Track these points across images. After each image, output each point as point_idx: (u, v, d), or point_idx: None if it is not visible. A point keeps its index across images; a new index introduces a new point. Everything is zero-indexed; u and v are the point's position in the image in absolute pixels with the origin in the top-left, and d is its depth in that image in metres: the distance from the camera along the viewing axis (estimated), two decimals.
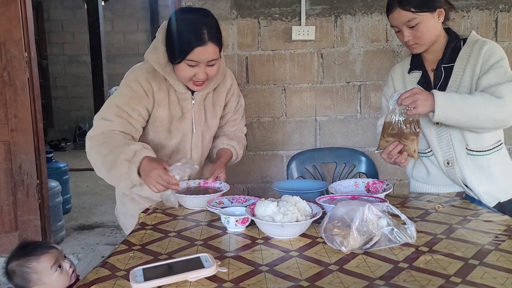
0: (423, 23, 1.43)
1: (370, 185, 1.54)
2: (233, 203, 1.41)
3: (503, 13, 2.57)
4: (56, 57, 8.81)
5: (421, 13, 1.42)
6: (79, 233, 3.63)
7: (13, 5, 2.76)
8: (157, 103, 1.54)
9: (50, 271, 1.33)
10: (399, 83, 1.65)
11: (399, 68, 1.68)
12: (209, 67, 1.44)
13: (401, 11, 1.43)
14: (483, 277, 0.85)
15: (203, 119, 1.63)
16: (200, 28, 1.39)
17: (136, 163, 1.37)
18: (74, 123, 9.00)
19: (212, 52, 1.41)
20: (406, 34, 1.47)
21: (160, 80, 1.53)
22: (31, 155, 2.88)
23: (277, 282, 0.86)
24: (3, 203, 2.88)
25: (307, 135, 2.71)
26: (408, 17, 1.43)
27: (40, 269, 1.32)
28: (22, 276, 1.32)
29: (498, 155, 1.51)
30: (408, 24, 1.45)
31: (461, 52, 1.49)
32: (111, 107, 1.51)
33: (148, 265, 0.93)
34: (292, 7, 2.59)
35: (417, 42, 1.47)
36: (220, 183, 1.59)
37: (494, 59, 1.42)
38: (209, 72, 1.45)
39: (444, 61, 1.52)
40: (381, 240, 1.01)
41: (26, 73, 2.83)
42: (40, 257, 1.33)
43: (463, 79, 1.47)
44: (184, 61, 1.42)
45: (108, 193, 4.76)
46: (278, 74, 2.64)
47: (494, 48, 1.45)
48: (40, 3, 8.00)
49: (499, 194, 1.50)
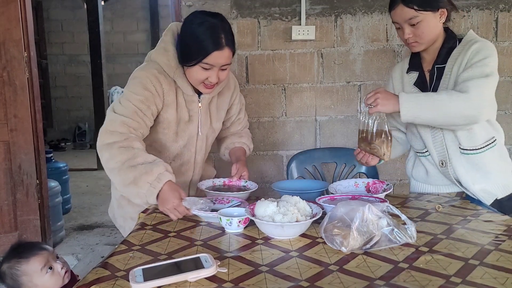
0: (424, 22, 1.43)
1: (370, 185, 1.54)
2: (215, 204, 1.40)
3: (503, 13, 2.57)
4: (56, 57, 8.81)
5: (423, 11, 1.42)
6: (78, 233, 3.63)
7: (12, 5, 2.76)
8: (166, 104, 1.54)
9: (40, 273, 1.32)
10: (397, 83, 1.66)
11: (398, 69, 1.68)
12: (222, 71, 1.46)
13: (404, 8, 1.43)
14: (483, 277, 0.85)
15: (208, 122, 1.65)
16: (219, 33, 1.40)
17: (158, 188, 1.34)
18: (74, 123, 8.99)
19: (227, 56, 1.43)
20: (406, 32, 1.46)
21: (169, 82, 1.52)
22: (30, 155, 2.88)
23: (277, 282, 0.86)
24: (3, 203, 2.88)
25: (307, 135, 2.70)
26: (410, 15, 1.43)
27: (30, 271, 1.31)
28: (13, 278, 1.32)
29: (492, 152, 1.51)
30: (409, 22, 1.44)
31: (453, 52, 1.49)
32: (127, 105, 1.47)
33: (148, 265, 0.93)
34: (292, 7, 2.58)
35: (417, 40, 1.47)
36: (245, 181, 1.62)
37: (478, 57, 1.41)
38: (221, 76, 1.47)
39: (438, 61, 1.52)
40: (381, 240, 1.01)
41: (25, 73, 2.82)
42: (30, 259, 1.32)
43: (451, 79, 1.47)
44: (200, 64, 1.42)
45: (108, 193, 4.72)
46: (278, 74, 2.64)
47: (483, 46, 1.43)
48: (39, 3, 7.99)
49: (495, 191, 1.50)
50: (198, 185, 1.60)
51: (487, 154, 1.50)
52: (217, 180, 1.65)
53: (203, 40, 1.40)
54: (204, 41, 1.40)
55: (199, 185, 1.60)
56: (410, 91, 1.56)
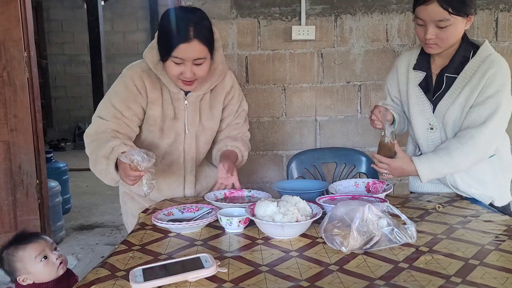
0: (453, 26, 1.36)
1: (370, 185, 1.54)
2: (184, 213, 1.33)
3: (503, 13, 2.57)
4: (56, 57, 8.81)
5: (456, 16, 1.34)
6: (78, 233, 3.63)
7: (12, 5, 2.76)
8: (151, 101, 1.54)
9: (34, 260, 1.34)
10: (403, 77, 1.60)
11: (405, 60, 1.60)
12: (197, 66, 1.42)
13: (438, 8, 1.33)
14: (483, 277, 0.85)
15: (197, 120, 1.60)
16: (187, 25, 1.38)
17: (113, 159, 1.36)
18: (74, 123, 8.99)
19: (198, 50, 1.40)
20: (430, 32, 1.38)
21: (154, 79, 1.53)
22: (30, 155, 2.88)
23: (277, 283, 0.86)
24: (3, 203, 2.88)
25: (307, 135, 2.70)
26: (442, 16, 1.34)
27: (25, 258, 1.34)
28: (9, 264, 1.35)
29: (490, 165, 1.49)
30: (438, 24, 1.36)
31: (467, 66, 1.43)
32: (107, 106, 1.52)
33: (148, 265, 0.93)
34: (292, 7, 2.58)
35: (438, 43, 1.40)
36: (250, 191, 1.51)
37: (492, 89, 1.38)
38: (197, 71, 1.43)
39: (449, 70, 1.47)
40: (381, 240, 1.01)
41: (25, 73, 2.82)
42: (27, 246, 1.35)
43: (459, 97, 1.44)
44: (171, 58, 1.41)
45: (108, 193, 4.76)
46: (278, 74, 2.64)
47: (499, 73, 1.39)
48: (39, 3, 8.00)
49: (492, 197, 1.51)
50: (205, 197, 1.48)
51: (484, 167, 1.49)
52: (217, 192, 1.51)
53: (170, 33, 1.40)
54: (172, 34, 1.40)
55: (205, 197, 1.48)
56: (413, 91, 1.55)
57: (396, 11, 2.59)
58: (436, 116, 1.50)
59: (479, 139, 1.39)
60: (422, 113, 1.53)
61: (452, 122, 1.47)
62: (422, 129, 1.54)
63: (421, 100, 1.53)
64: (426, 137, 1.55)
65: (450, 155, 1.41)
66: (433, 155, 1.45)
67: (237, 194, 1.51)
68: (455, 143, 1.42)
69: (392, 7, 2.59)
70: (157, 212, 1.29)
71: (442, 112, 1.48)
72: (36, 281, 1.36)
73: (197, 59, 1.41)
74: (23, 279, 1.35)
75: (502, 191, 1.54)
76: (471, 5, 1.37)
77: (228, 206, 1.32)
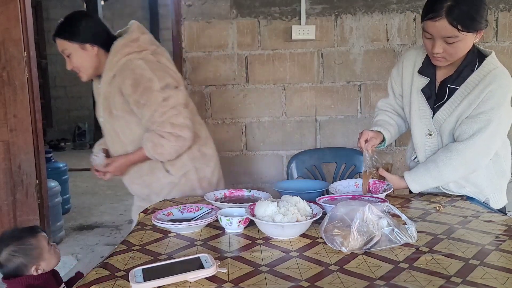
0: (462, 42, 1.32)
1: (370, 185, 1.54)
2: (184, 213, 1.33)
3: (503, 13, 2.57)
4: (56, 56, 8.78)
5: (466, 32, 1.29)
6: (78, 233, 3.63)
7: (12, 5, 2.76)
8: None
9: (48, 247, 1.42)
10: (408, 77, 1.57)
11: (411, 60, 1.56)
12: (68, 58, 1.68)
13: (447, 25, 1.28)
14: (484, 277, 0.85)
15: (101, 108, 1.71)
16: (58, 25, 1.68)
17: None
18: (74, 123, 8.98)
19: (60, 45, 1.66)
20: (437, 46, 1.33)
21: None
22: (30, 155, 2.87)
23: (277, 283, 0.85)
24: (2, 203, 2.88)
25: (307, 135, 2.70)
26: (451, 33, 1.29)
27: (41, 245, 1.40)
28: (25, 253, 1.37)
29: (485, 169, 1.49)
30: (446, 40, 1.32)
31: (469, 79, 1.40)
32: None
33: (147, 265, 0.93)
34: (292, 7, 2.58)
35: (446, 57, 1.37)
36: (250, 191, 1.50)
37: (488, 106, 1.37)
38: (68, 63, 1.70)
39: (452, 81, 1.44)
40: (381, 240, 1.01)
41: (25, 72, 2.82)
42: (37, 235, 1.42)
43: (457, 109, 1.43)
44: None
45: (108, 193, 4.76)
46: (278, 74, 2.64)
47: (498, 90, 1.36)
48: (39, 3, 7.99)
49: (486, 196, 1.52)
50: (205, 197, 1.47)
51: (480, 172, 1.48)
52: (218, 193, 1.50)
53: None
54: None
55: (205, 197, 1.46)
56: (416, 96, 1.54)
57: (396, 11, 2.59)
58: (435, 123, 1.51)
59: (465, 155, 1.41)
60: (422, 119, 1.54)
61: (448, 132, 1.48)
62: (421, 134, 1.55)
63: (422, 106, 1.53)
64: (424, 142, 1.55)
65: (439, 170, 1.45)
66: (423, 170, 1.48)
67: (237, 194, 1.51)
68: (443, 158, 1.44)
69: (392, 7, 2.59)
70: (157, 212, 1.29)
71: (440, 121, 1.49)
72: (46, 268, 1.40)
73: (64, 51, 1.69)
74: (37, 268, 1.37)
75: (497, 194, 1.54)
76: (481, 21, 1.31)
77: (228, 206, 1.32)
